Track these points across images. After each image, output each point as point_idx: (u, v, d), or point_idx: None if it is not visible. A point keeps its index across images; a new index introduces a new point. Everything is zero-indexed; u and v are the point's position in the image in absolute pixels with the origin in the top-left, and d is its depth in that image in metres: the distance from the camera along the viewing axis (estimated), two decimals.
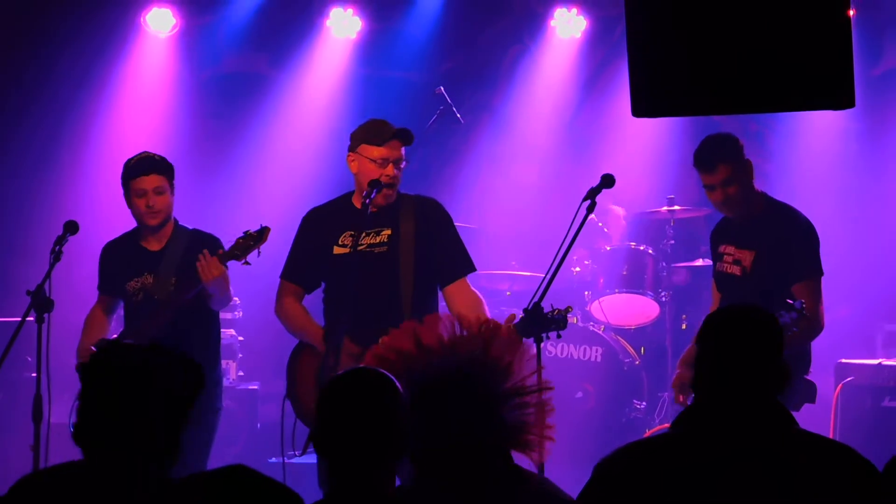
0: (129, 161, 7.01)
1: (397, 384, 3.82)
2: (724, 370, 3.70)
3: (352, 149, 6.62)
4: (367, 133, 6.62)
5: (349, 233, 6.54)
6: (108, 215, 9.54)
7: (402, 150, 6.60)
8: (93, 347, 6.99)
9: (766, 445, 3.58)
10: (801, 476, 3.51)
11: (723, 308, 3.92)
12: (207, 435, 6.98)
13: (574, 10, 11.96)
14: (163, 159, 7.01)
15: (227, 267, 6.84)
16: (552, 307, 6.09)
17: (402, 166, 6.59)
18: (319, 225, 6.70)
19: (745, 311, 3.89)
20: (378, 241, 6.55)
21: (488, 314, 6.45)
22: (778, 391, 3.69)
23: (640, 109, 4.52)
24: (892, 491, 3.49)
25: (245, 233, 6.72)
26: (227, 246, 6.85)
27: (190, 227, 7.15)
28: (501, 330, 4.14)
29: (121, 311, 7.34)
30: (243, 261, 6.68)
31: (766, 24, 4.38)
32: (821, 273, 6.77)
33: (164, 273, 6.96)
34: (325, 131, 11.36)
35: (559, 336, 6.18)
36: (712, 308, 7.03)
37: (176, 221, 7.11)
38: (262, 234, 6.68)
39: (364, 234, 6.51)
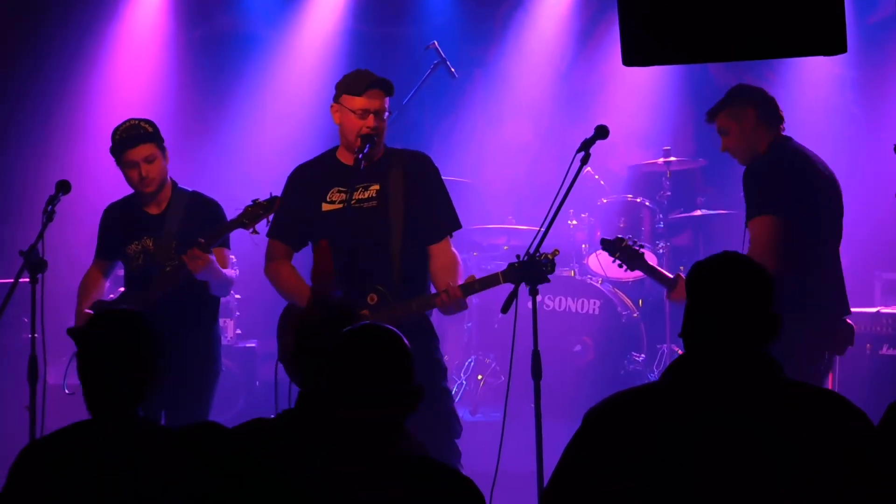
0: (115, 132, 6.96)
1: (405, 340, 3.81)
2: (712, 320, 3.69)
3: (335, 99, 6.54)
4: (347, 83, 6.54)
5: (337, 189, 6.48)
6: (100, 177, 9.51)
7: (385, 100, 6.51)
8: (89, 311, 6.98)
9: (755, 395, 3.57)
10: (791, 425, 3.50)
11: (710, 257, 3.87)
12: (206, 398, 6.97)
13: None
14: (149, 126, 6.95)
15: (226, 246, 6.83)
16: (540, 252, 6.07)
17: (385, 117, 6.51)
18: (306, 182, 6.63)
19: (731, 260, 3.85)
20: (367, 196, 6.47)
21: (461, 277, 6.43)
22: (768, 341, 3.68)
23: (630, 58, 4.49)
24: (892, 435, 3.48)
25: (253, 201, 6.68)
26: (232, 214, 6.83)
27: (189, 190, 7.12)
28: None
29: (118, 273, 7.33)
30: (251, 230, 6.66)
31: None
32: (767, 210, 6.59)
33: (165, 237, 6.95)
34: (319, 88, 11.29)
35: (548, 281, 6.15)
36: None
37: (175, 184, 7.08)
38: (272, 203, 6.64)
39: (352, 189, 6.46)
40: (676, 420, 3.55)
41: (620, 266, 7.47)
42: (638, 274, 9.93)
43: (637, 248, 7.34)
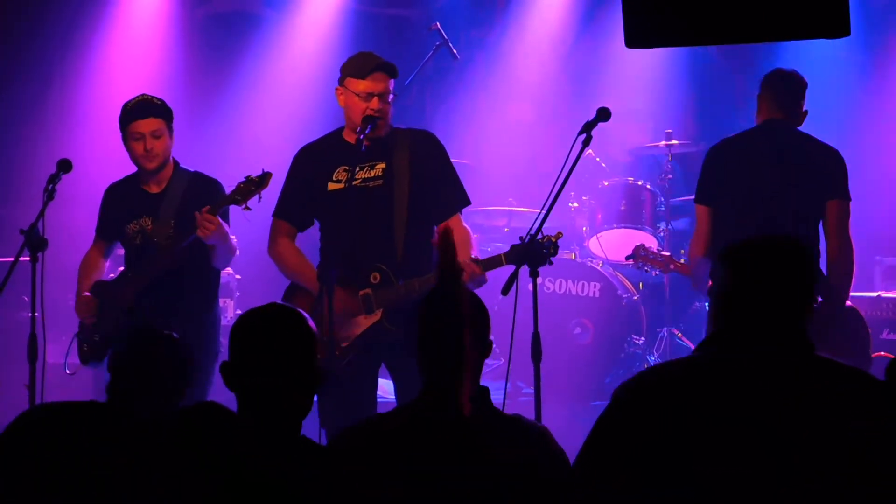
0: (126, 104, 6.97)
1: (309, 319, 3.81)
2: (753, 299, 3.61)
3: (340, 82, 6.57)
4: (352, 66, 6.56)
5: (343, 168, 6.49)
6: (101, 156, 9.50)
7: (390, 82, 6.52)
8: (91, 294, 6.98)
9: (787, 371, 3.53)
10: (821, 401, 3.47)
11: (749, 238, 3.80)
12: (206, 379, 6.96)
13: None
14: (161, 102, 6.96)
15: (225, 221, 6.81)
16: (542, 235, 6.08)
17: (389, 99, 6.52)
18: (312, 162, 6.65)
19: (774, 239, 3.74)
20: (373, 174, 6.49)
21: (475, 251, 6.45)
22: (804, 319, 3.61)
23: (633, 40, 4.47)
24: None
25: (246, 177, 6.67)
26: (227, 190, 6.82)
27: (191, 170, 7.11)
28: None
29: (117, 253, 7.32)
30: (244, 206, 6.65)
31: None
32: (697, 199, 7.21)
33: (163, 216, 6.93)
34: (320, 69, 11.29)
35: (551, 263, 6.16)
36: None
37: (177, 164, 7.06)
38: (264, 179, 6.63)
39: (358, 169, 6.47)
40: (710, 394, 3.49)
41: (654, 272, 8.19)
42: None
43: (655, 252, 7.89)
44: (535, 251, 6.06)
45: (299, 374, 3.72)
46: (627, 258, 8.93)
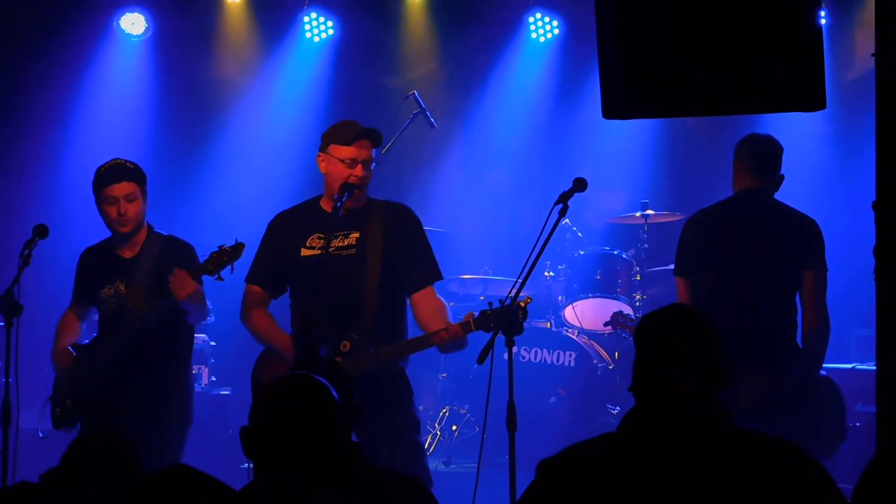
0: (100, 168, 6.96)
1: (332, 390, 3.81)
2: (661, 371, 3.70)
3: (322, 149, 6.59)
4: (335, 133, 6.59)
5: (317, 235, 6.50)
6: (78, 220, 9.48)
7: (372, 150, 6.55)
8: (70, 348, 6.94)
9: (704, 444, 3.58)
10: (741, 473, 3.51)
11: (658, 310, 3.90)
12: (178, 445, 6.90)
13: (548, 17, 11.97)
14: (135, 166, 6.95)
15: (201, 282, 6.80)
16: (511, 300, 6.08)
17: (371, 167, 6.55)
18: (286, 228, 6.66)
19: (678, 312, 3.87)
20: (346, 243, 6.50)
21: (450, 320, 6.44)
22: (716, 391, 3.69)
23: (611, 111, 4.50)
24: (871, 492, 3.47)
25: (219, 247, 6.67)
26: (201, 258, 6.81)
27: (165, 234, 7.09)
28: None
29: (92, 319, 7.29)
30: (216, 276, 6.64)
31: (737, 26, 4.37)
32: (677, 272, 7.21)
33: (137, 280, 6.91)
34: (298, 136, 11.32)
35: (522, 329, 6.15)
36: None
37: (150, 228, 7.05)
38: (237, 250, 6.63)
39: (332, 237, 6.47)
40: (628, 471, 3.56)
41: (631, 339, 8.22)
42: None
43: (633, 319, 7.96)
44: (509, 318, 6.06)
45: (320, 443, 3.72)
46: (606, 324, 9.05)
